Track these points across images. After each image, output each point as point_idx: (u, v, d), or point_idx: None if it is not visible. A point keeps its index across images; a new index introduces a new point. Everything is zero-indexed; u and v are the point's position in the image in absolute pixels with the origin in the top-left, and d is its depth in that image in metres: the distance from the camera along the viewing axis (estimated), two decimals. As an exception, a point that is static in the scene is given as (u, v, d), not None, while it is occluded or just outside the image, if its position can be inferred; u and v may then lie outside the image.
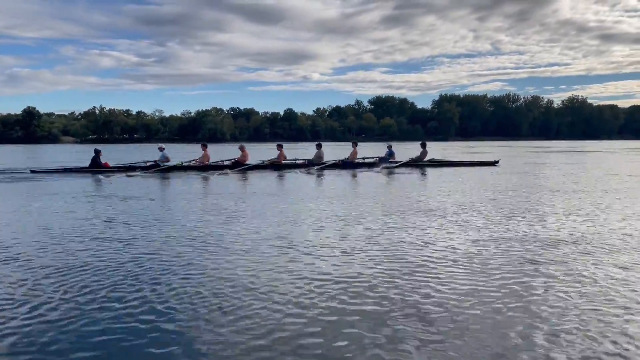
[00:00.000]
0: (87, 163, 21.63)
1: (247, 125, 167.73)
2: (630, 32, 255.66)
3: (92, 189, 14.35)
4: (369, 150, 36.64)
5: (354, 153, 22.57)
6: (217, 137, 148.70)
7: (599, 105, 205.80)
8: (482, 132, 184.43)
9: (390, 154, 23.22)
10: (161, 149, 21.55)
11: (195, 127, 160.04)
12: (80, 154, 43.60)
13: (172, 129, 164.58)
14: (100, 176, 18.66)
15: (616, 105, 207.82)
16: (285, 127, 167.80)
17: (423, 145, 24.03)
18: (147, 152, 48.35)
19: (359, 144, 24.36)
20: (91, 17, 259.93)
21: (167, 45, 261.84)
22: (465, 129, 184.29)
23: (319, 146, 22.88)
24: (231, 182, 16.35)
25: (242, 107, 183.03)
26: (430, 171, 20.40)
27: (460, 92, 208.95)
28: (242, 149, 22.07)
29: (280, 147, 22.37)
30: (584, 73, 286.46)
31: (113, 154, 43.85)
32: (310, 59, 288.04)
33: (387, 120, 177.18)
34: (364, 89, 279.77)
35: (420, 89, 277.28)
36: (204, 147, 22.01)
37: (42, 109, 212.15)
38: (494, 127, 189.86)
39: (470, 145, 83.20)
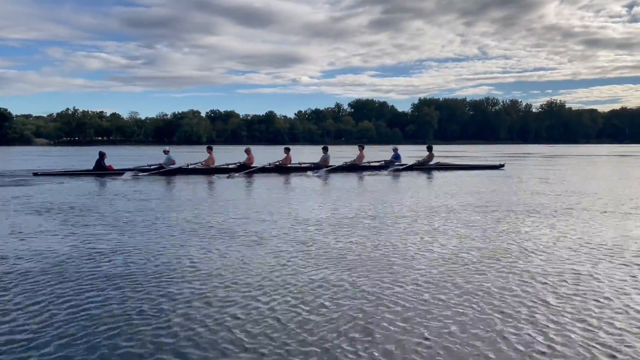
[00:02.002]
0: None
1: (224, 128, 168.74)
2: (615, 38, 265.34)
3: (102, 192, 14.26)
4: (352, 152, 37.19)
5: (361, 156, 22.76)
6: (193, 139, 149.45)
7: (577, 110, 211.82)
8: (461, 136, 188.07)
9: (397, 157, 23.16)
10: (166, 152, 21.16)
11: (171, 129, 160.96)
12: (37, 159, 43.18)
13: (147, 131, 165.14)
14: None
15: (596, 110, 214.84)
16: (262, 129, 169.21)
17: (429, 149, 24.11)
18: (122, 155, 48.65)
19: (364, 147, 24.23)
20: (78, 18, 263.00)
21: (155, 47, 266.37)
22: (444, 133, 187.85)
23: (325, 149, 22.93)
24: (242, 184, 16.54)
25: (232, 110, 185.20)
26: (439, 174, 20.74)
27: (448, 96, 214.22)
28: (247, 151, 21.85)
29: (287, 150, 22.48)
30: (569, 78, 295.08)
31: (80, 158, 43.61)
32: (300, 62, 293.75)
33: (366, 123, 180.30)
34: (353, 92, 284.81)
35: (409, 93, 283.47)
36: (210, 149, 21.79)
37: (28, 111, 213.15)
38: (473, 131, 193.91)
39: (448, 149, 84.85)
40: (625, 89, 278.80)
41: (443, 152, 47.67)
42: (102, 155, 20.75)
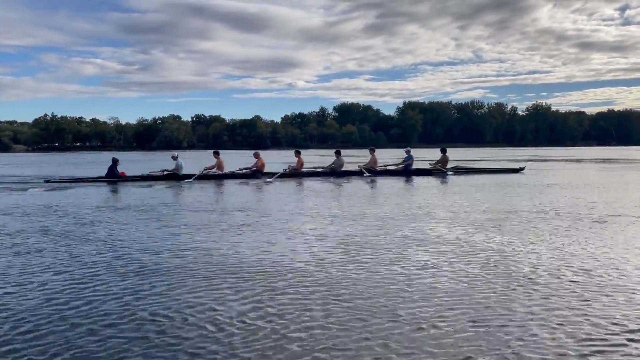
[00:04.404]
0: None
1: (206, 132, 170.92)
2: (608, 40, 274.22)
3: (118, 199, 14.22)
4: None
5: (373, 160, 22.91)
6: (174, 144, 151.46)
7: (564, 112, 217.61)
8: (446, 139, 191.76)
9: (409, 158, 23.00)
10: (174, 158, 20.93)
11: (151, 134, 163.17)
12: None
13: (127, 136, 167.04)
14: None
15: (583, 112, 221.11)
16: (244, 134, 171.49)
17: (443, 151, 24.04)
18: (100, 161, 49.36)
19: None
20: (74, 24, 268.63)
21: (151, 52, 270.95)
22: (429, 136, 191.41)
23: (337, 153, 22.89)
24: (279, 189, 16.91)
25: (224, 115, 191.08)
26: (467, 178, 20.89)
27: (444, 100, 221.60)
28: (256, 155, 21.81)
29: (298, 153, 22.63)
30: (564, 80, 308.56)
31: (51, 167, 43.34)
32: (295, 66, 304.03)
33: (350, 127, 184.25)
34: (349, 96, 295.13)
35: (405, 97, 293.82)
36: (216, 154, 21.74)
37: (23, 117, 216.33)
38: (459, 134, 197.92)
39: (434, 153, 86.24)
40: (619, 91, 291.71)
41: (428, 156, 48.59)
42: (115, 161, 20.74)
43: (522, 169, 24.99)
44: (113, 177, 20.29)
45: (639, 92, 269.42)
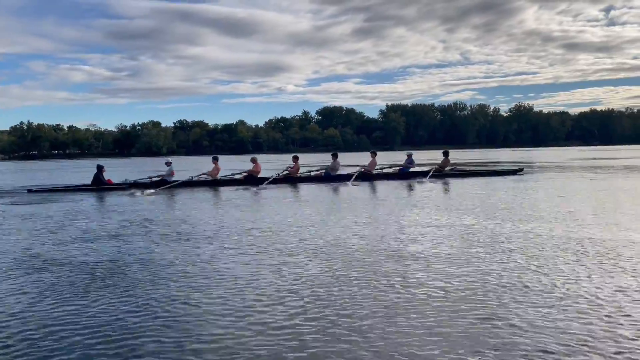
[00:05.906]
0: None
1: (186, 138, 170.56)
2: (594, 41, 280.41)
3: (106, 209, 13.36)
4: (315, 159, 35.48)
5: (373, 163, 22.89)
6: (153, 150, 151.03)
7: (547, 113, 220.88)
8: (429, 141, 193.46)
9: (411, 162, 23.13)
10: (168, 164, 20.72)
11: (130, 141, 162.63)
12: None
13: (106, 143, 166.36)
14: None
15: (566, 112, 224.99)
16: (225, 139, 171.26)
17: (445, 154, 23.96)
18: (79, 170, 49.02)
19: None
20: (61, 31, 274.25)
21: (139, 59, 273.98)
22: (412, 138, 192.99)
23: (334, 156, 22.77)
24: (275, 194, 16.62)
25: (208, 120, 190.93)
26: (465, 180, 20.53)
27: (433, 101, 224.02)
28: (254, 161, 21.72)
29: (295, 158, 22.41)
30: (551, 81, 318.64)
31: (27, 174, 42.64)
32: (284, 70, 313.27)
33: (331, 130, 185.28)
34: (339, 99, 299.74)
35: (394, 99, 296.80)
36: (215, 160, 21.48)
37: (5, 125, 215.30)
38: (442, 136, 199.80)
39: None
40: (605, 91, 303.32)
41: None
42: (100, 168, 20.21)
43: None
44: (99, 185, 19.56)
45: (625, 92, 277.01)
